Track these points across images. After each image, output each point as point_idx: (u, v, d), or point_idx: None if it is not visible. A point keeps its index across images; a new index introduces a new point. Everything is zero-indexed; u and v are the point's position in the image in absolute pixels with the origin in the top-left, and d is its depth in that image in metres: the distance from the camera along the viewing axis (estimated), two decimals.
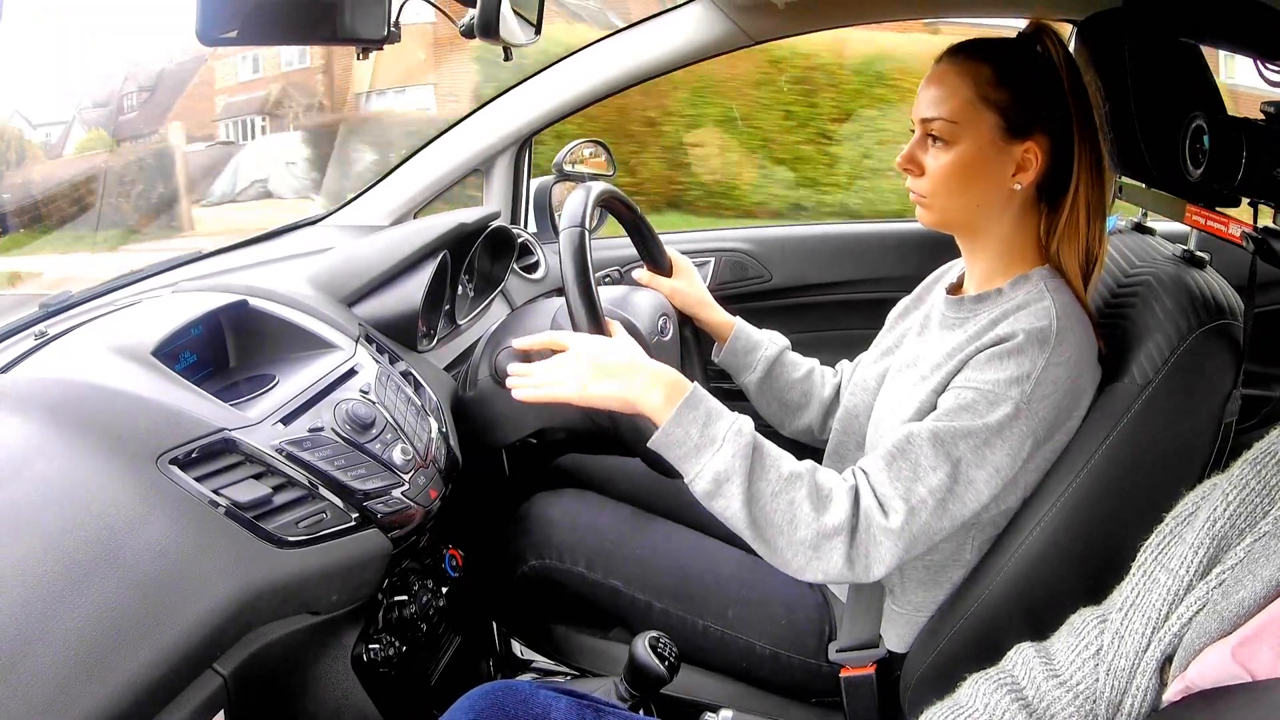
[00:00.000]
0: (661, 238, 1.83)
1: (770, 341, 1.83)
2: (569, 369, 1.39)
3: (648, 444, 1.39)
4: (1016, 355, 1.32)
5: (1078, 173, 1.39)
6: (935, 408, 1.38)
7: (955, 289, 1.57)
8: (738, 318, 1.85)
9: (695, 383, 1.39)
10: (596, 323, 1.45)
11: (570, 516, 1.74)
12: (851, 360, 1.83)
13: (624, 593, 1.65)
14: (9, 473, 1.08)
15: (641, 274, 1.85)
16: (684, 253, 1.88)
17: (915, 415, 1.40)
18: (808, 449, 1.70)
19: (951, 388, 1.37)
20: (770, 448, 1.37)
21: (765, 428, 1.53)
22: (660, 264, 1.83)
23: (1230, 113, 1.37)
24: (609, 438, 1.55)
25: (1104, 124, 1.48)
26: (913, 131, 1.45)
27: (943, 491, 1.32)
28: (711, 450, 1.33)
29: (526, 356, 1.52)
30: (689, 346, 1.87)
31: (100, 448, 1.13)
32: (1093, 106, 1.41)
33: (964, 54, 1.41)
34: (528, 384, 1.43)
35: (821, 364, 1.86)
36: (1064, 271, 1.42)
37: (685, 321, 1.86)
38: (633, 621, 1.66)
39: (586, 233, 1.46)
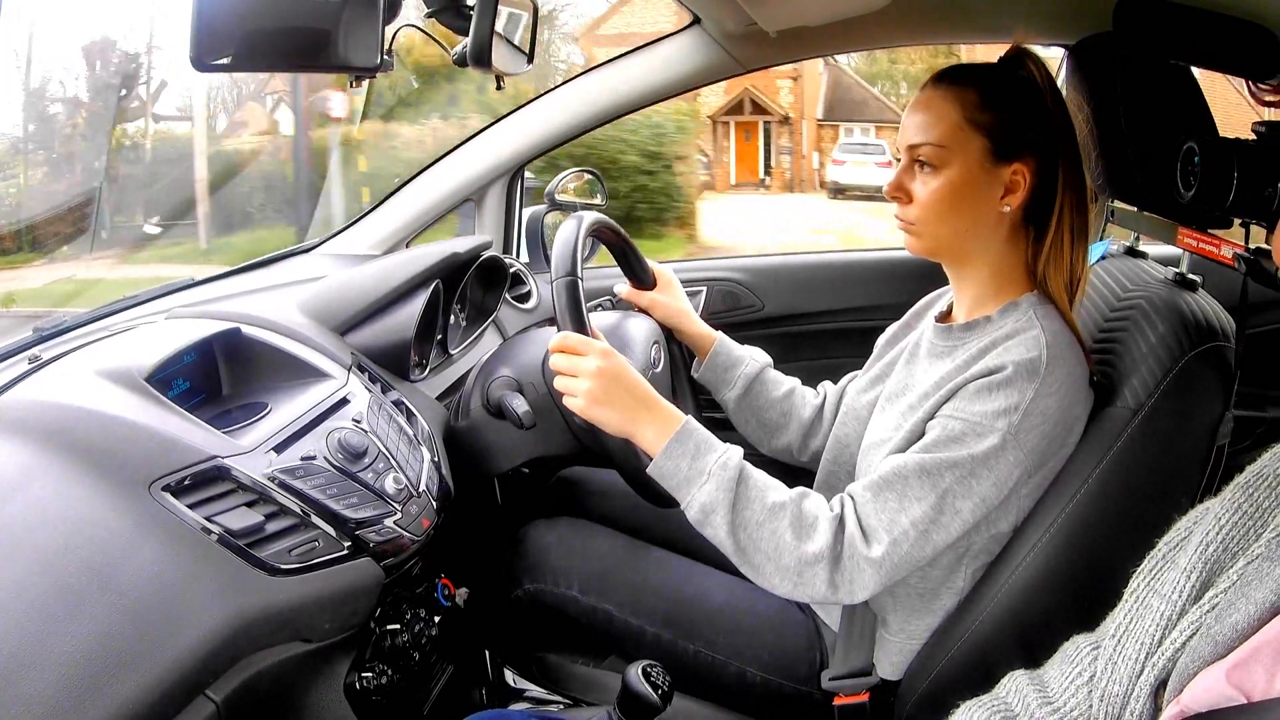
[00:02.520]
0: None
1: (751, 358, 1.83)
2: (583, 382, 1.40)
3: (645, 470, 1.42)
4: (1005, 387, 1.33)
5: (1061, 195, 1.40)
6: (924, 435, 1.38)
7: (944, 317, 1.57)
8: (719, 332, 1.85)
9: (688, 416, 1.41)
10: None
11: (565, 542, 1.73)
12: (836, 383, 1.84)
13: (616, 618, 1.65)
14: (3, 495, 1.08)
15: (622, 288, 1.85)
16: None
17: (903, 445, 1.41)
18: (796, 472, 1.71)
19: (939, 416, 1.38)
20: (757, 479, 1.39)
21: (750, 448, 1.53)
22: (643, 279, 1.84)
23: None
24: (602, 460, 1.55)
25: (1088, 146, 1.49)
26: (898, 160, 1.47)
27: (926, 523, 1.33)
28: (699, 483, 1.37)
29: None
30: (678, 368, 1.87)
31: (93, 473, 1.12)
32: (1075, 129, 1.43)
33: (949, 79, 1.43)
34: (562, 378, 1.44)
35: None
36: (1052, 296, 1.43)
37: (673, 339, 1.87)
38: (624, 646, 1.66)
39: (579, 281, 1.46)
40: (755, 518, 1.36)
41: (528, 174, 2.49)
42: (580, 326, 1.44)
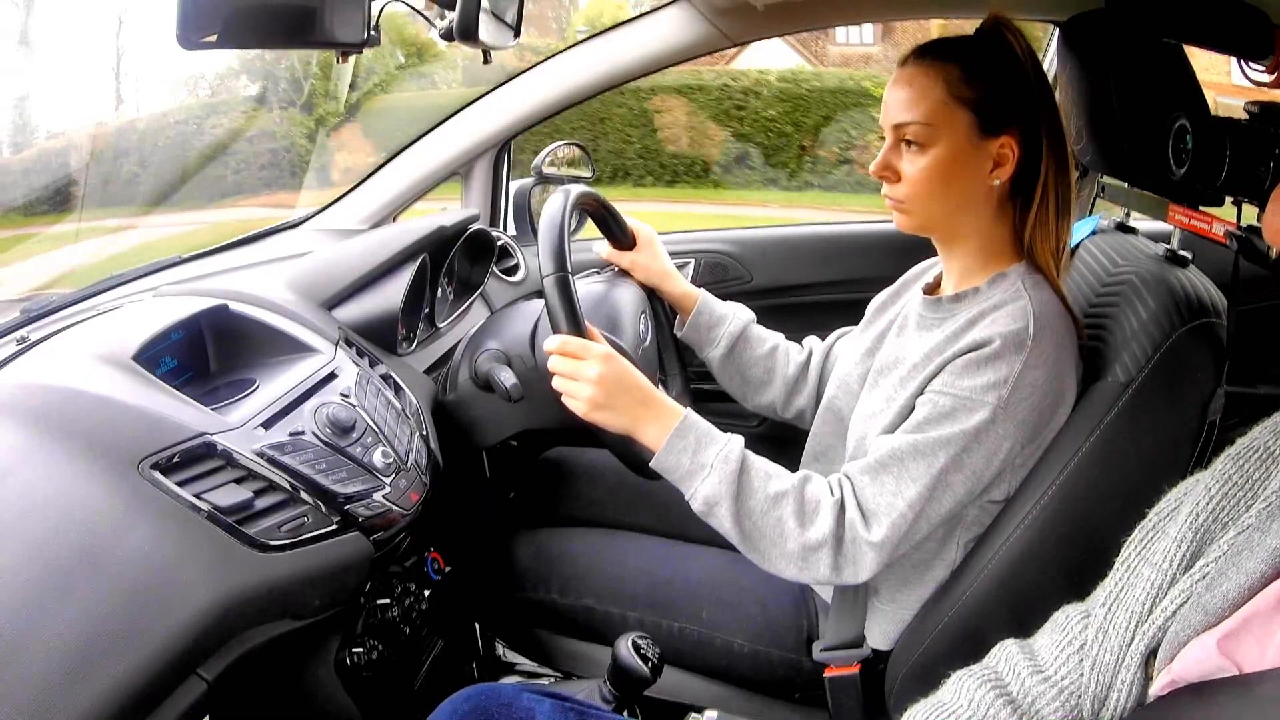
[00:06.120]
0: None
1: (734, 315, 1.83)
2: (584, 388, 1.40)
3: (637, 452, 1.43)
4: (993, 361, 1.33)
5: (1046, 164, 1.40)
6: (914, 410, 1.39)
7: (932, 289, 1.57)
8: (702, 290, 1.84)
9: (687, 409, 1.42)
10: None
11: (542, 552, 1.77)
12: (823, 339, 1.85)
13: (597, 609, 1.67)
14: None
15: (602, 247, 1.83)
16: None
17: (896, 419, 1.41)
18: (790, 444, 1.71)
19: (929, 392, 1.38)
20: (759, 469, 1.40)
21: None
22: (621, 239, 1.82)
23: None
24: (589, 438, 1.55)
25: (1069, 117, 1.48)
26: (883, 139, 1.46)
27: (922, 502, 1.34)
28: (701, 476, 1.38)
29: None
30: (664, 328, 1.86)
31: (82, 453, 1.12)
32: (1055, 99, 1.42)
33: (930, 55, 1.41)
34: (559, 380, 1.44)
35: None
36: (1040, 265, 1.43)
37: (656, 299, 1.86)
38: (608, 635, 1.65)
39: (570, 277, 1.43)
40: (758, 507, 1.37)
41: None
42: (576, 326, 1.42)
